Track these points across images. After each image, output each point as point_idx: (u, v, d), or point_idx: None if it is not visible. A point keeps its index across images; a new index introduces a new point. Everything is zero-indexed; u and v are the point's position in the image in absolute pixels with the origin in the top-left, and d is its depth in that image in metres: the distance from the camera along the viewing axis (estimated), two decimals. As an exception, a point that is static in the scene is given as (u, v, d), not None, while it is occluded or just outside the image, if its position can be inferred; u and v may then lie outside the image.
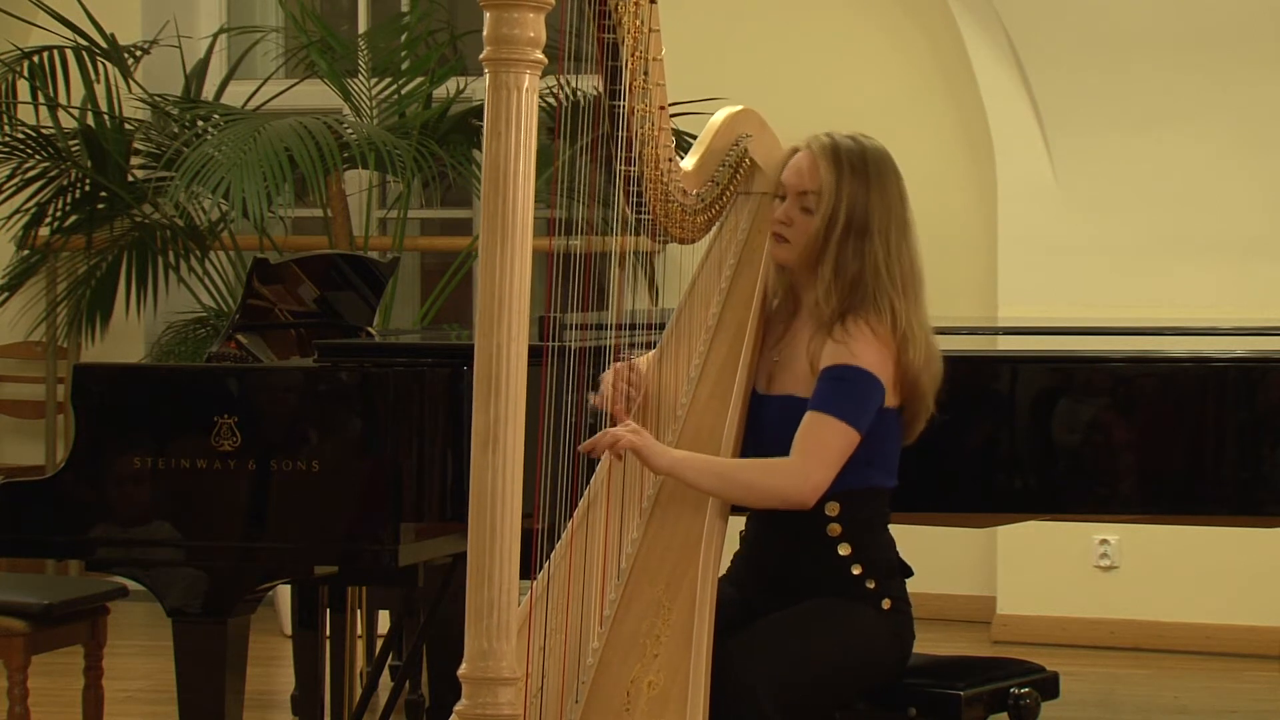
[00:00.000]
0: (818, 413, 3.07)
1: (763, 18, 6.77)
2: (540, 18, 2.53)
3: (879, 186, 3.14)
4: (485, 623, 2.53)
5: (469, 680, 2.55)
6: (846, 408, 3.06)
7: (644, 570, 3.00)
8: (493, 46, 2.52)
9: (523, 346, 2.53)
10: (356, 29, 7.23)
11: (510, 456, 2.52)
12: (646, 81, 3.05)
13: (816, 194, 3.14)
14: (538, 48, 2.53)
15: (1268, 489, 3.38)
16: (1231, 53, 6.08)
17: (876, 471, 3.16)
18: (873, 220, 3.13)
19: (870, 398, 3.09)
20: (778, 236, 3.19)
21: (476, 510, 2.52)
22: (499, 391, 2.52)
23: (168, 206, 6.34)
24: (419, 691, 4.72)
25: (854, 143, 3.18)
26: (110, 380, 3.64)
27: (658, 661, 2.88)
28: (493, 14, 2.52)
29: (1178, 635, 6.20)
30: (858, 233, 3.12)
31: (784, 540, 3.17)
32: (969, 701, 3.19)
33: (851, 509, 3.13)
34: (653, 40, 3.04)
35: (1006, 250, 6.43)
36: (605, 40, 2.99)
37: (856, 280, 3.11)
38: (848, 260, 3.11)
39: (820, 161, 3.14)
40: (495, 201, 2.52)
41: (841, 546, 3.14)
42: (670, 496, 3.08)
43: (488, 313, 2.52)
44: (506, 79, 2.52)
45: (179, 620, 3.51)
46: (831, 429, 3.06)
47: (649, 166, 3.09)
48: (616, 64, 3.01)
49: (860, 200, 3.12)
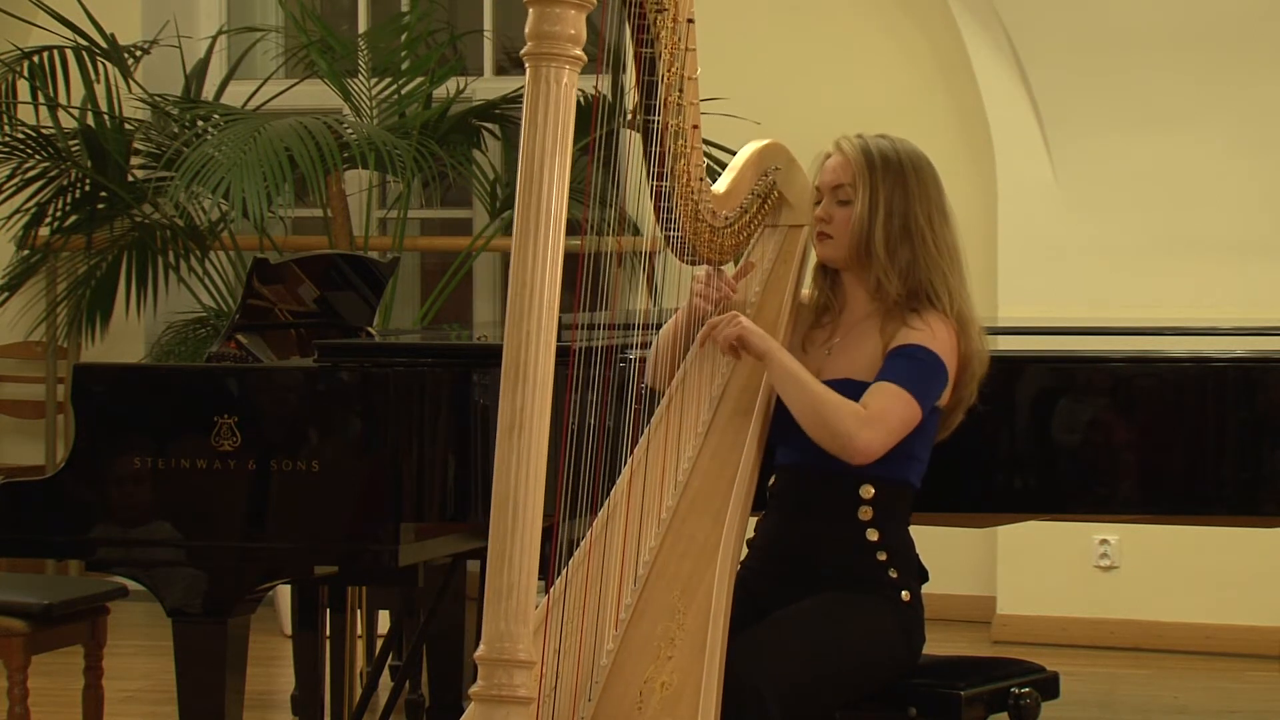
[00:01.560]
0: (888, 382, 3.11)
1: (763, 18, 6.77)
2: (581, 16, 2.56)
3: (915, 175, 3.21)
4: (504, 604, 2.55)
5: (485, 661, 2.56)
6: (916, 384, 3.12)
7: (661, 575, 3.02)
8: (534, 41, 2.56)
9: (551, 336, 2.57)
10: (356, 29, 7.23)
11: (535, 443, 2.55)
12: (681, 99, 3.07)
13: (851, 185, 3.20)
14: (578, 45, 2.57)
15: (1268, 489, 3.38)
16: (1231, 53, 6.09)
17: (913, 467, 3.19)
18: (914, 206, 3.19)
19: (936, 382, 3.15)
20: (821, 235, 3.25)
21: (499, 495, 2.55)
22: (526, 379, 2.55)
23: (168, 206, 6.34)
24: (419, 691, 4.72)
25: (883, 138, 3.25)
26: (110, 380, 3.64)
27: (671, 663, 2.89)
28: (535, 10, 2.55)
29: (1178, 635, 6.20)
30: (901, 219, 3.18)
31: (811, 524, 3.19)
32: (969, 701, 3.19)
33: (884, 495, 3.16)
34: (689, 59, 3.06)
35: (1006, 250, 6.43)
36: (643, 55, 3.01)
37: (910, 266, 3.18)
38: (897, 246, 3.18)
39: (852, 155, 3.21)
40: (530, 193, 2.56)
41: (870, 531, 3.16)
42: (691, 505, 3.10)
43: (518, 301, 2.56)
44: (546, 73, 2.56)
45: (179, 620, 3.51)
46: (900, 399, 3.10)
47: (680, 183, 3.11)
48: (653, 79, 3.04)
49: (899, 189, 3.19)
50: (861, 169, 3.19)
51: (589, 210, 3.14)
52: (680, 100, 3.08)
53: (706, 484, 3.13)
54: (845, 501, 3.16)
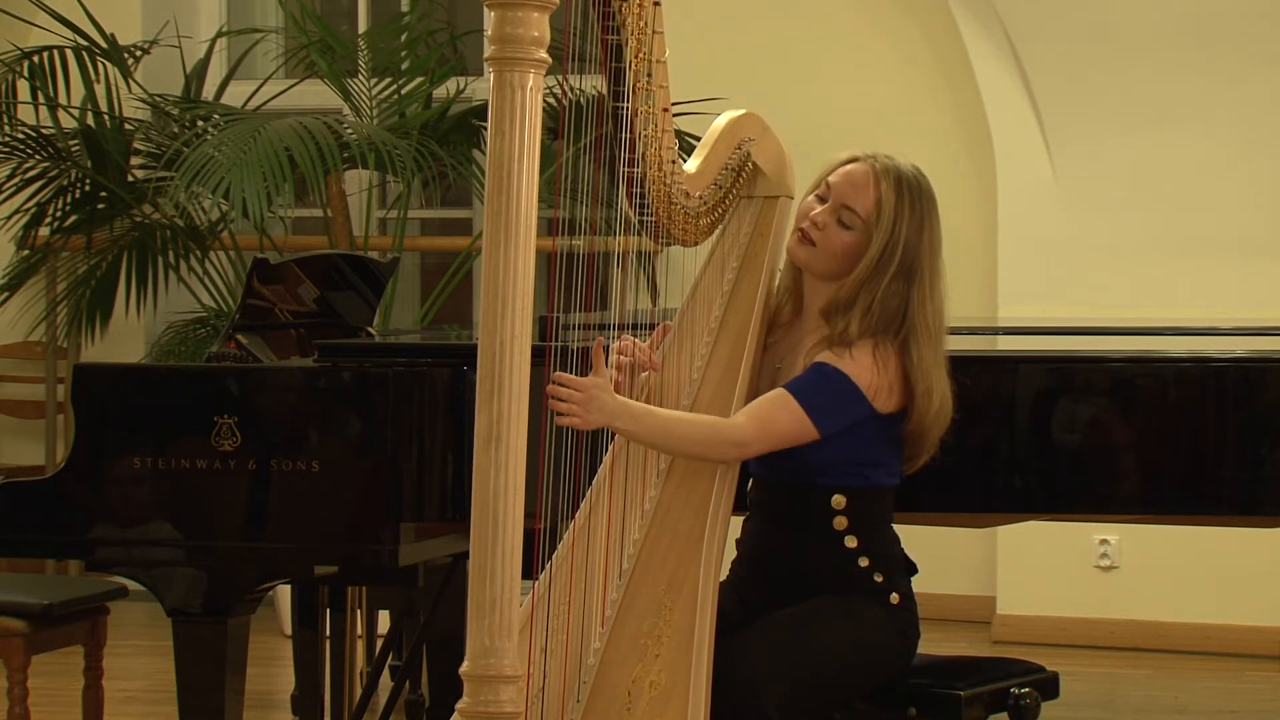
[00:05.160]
0: (786, 392, 3.06)
1: (763, 18, 6.77)
2: (544, 17, 2.54)
3: (930, 225, 3.13)
4: (487, 620, 2.54)
5: (470, 678, 2.55)
6: (815, 402, 3.05)
7: (646, 571, 3.01)
8: (497, 45, 2.54)
9: (525, 344, 2.55)
10: (356, 29, 7.23)
11: (513, 454, 2.53)
12: (650, 83, 3.05)
13: (864, 217, 3.11)
14: (542, 47, 2.54)
15: (1268, 489, 3.38)
16: (1232, 52, 6.08)
17: (877, 472, 3.15)
18: (921, 260, 3.11)
19: (845, 406, 3.06)
20: (803, 235, 3.17)
21: (479, 508, 2.53)
22: (502, 389, 2.53)
23: (168, 206, 6.34)
24: (419, 691, 4.72)
25: (915, 173, 3.15)
26: (110, 380, 3.64)
27: (659, 661, 2.88)
28: (497, 13, 2.53)
29: (1178, 635, 6.20)
30: (906, 271, 3.10)
31: (789, 535, 3.17)
32: (969, 701, 3.19)
33: (857, 502, 3.14)
34: (656, 42, 3.04)
35: (1006, 250, 6.43)
36: (609, 42, 2.99)
37: (892, 317, 3.09)
38: (890, 296, 3.09)
39: (883, 184, 3.11)
40: (499, 200, 2.54)
41: (849, 539, 3.13)
42: (673, 497, 3.09)
43: (491, 310, 2.53)
44: (511, 78, 2.54)
45: (179, 620, 3.51)
46: (789, 412, 3.05)
47: (652, 168, 3.09)
48: (620, 65, 3.01)
49: (914, 238, 3.10)
50: (890, 212, 3.08)
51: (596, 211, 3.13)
52: (649, 85, 3.05)
53: (689, 472, 3.11)
54: (818, 513, 3.14)
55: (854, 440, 3.10)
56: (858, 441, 3.11)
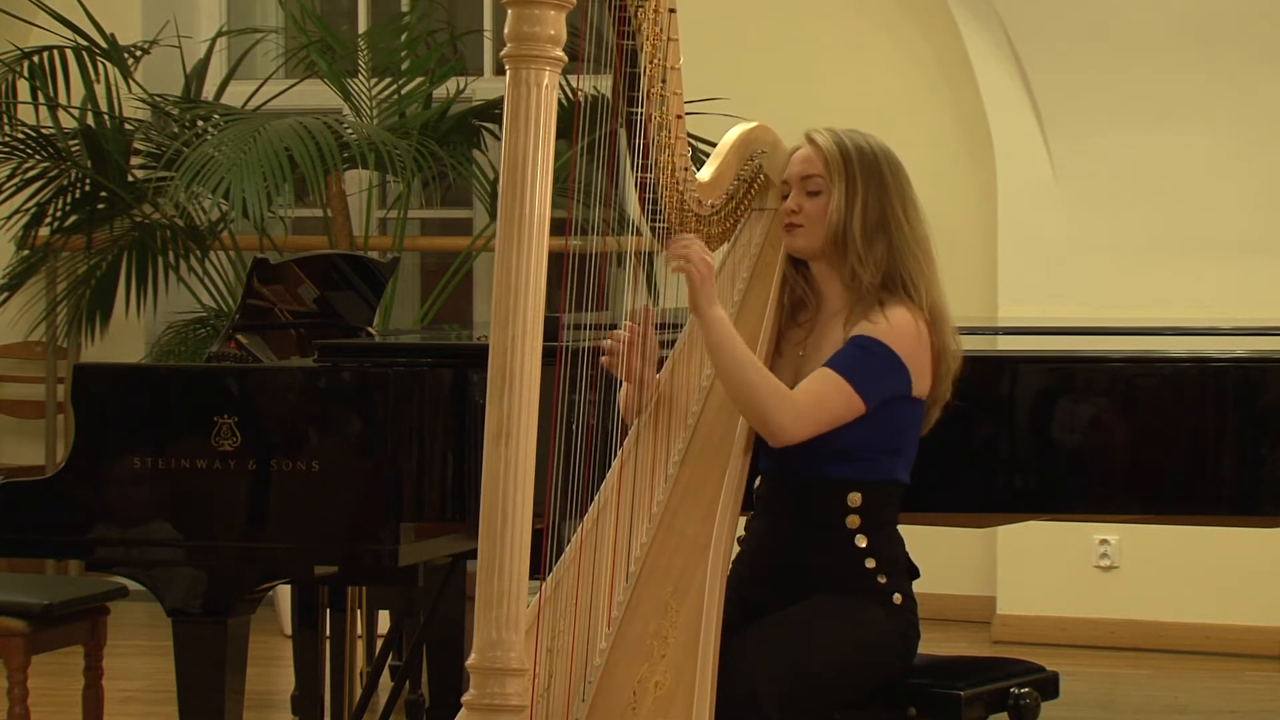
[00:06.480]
0: (829, 370, 3.09)
1: (763, 17, 6.77)
2: (561, 16, 2.55)
3: (889, 167, 3.19)
4: (495, 613, 2.54)
5: (477, 670, 2.56)
6: (859, 375, 3.08)
7: (652, 573, 3.01)
8: (514, 43, 2.54)
9: (537, 340, 2.55)
10: (356, 29, 7.23)
11: (522, 449, 2.54)
12: (664, 89, 3.06)
13: (823, 176, 3.18)
14: (558, 45, 2.55)
15: (1268, 489, 3.38)
16: (1232, 52, 6.09)
17: (900, 463, 3.17)
18: (889, 197, 3.17)
19: (888, 376, 3.10)
20: (791, 226, 3.22)
21: (488, 502, 2.54)
22: (512, 385, 2.54)
23: (168, 206, 6.34)
24: (419, 691, 4.72)
25: (855, 132, 3.23)
26: (110, 380, 3.64)
27: (664, 662, 2.89)
28: (514, 11, 2.54)
29: (1178, 635, 6.20)
30: (878, 210, 3.16)
31: (798, 532, 3.18)
32: (969, 701, 3.19)
33: (872, 501, 3.15)
34: (671, 49, 3.06)
35: (1006, 250, 6.43)
36: (624, 46, 3.01)
37: (885, 256, 3.15)
38: (873, 236, 3.15)
39: (826, 147, 3.19)
40: (512, 196, 2.54)
41: (859, 538, 3.15)
42: (681, 500, 3.09)
43: (503, 306, 2.54)
44: (527, 75, 2.54)
45: (179, 620, 3.51)
46: (838, 389, 3.07)
47: (665, 174, 3.11)
48: (635, 70, 3.03)
49: (874, 180, 3.17)
50: (837, 160, 3.17)
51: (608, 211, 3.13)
52: (663, 91, 3.06)
53: (697, 477, 3.11)
54: (832, 510, 3.15)
55: (883, 421, 3.12)
56: (886, 423, 3.13)
